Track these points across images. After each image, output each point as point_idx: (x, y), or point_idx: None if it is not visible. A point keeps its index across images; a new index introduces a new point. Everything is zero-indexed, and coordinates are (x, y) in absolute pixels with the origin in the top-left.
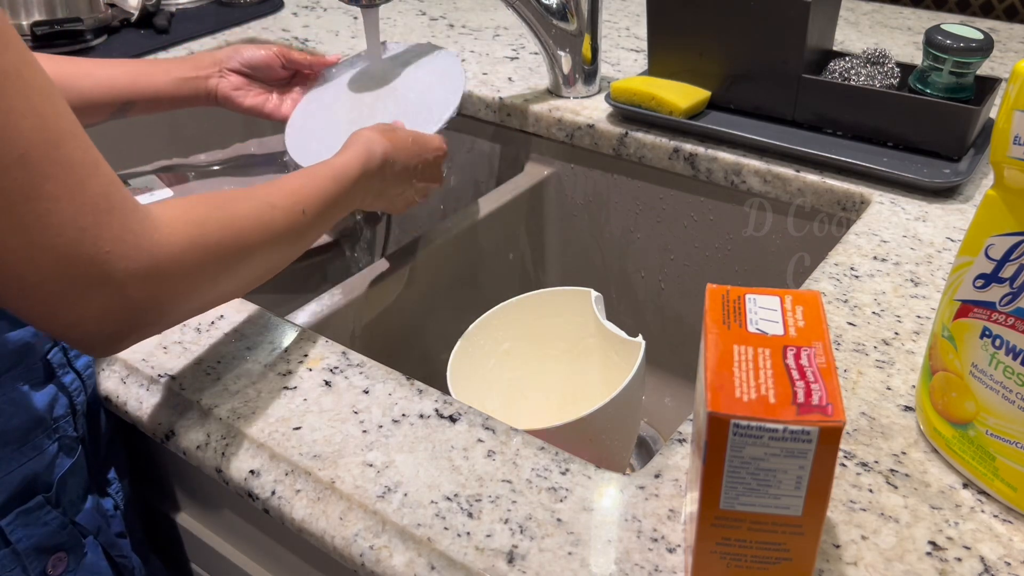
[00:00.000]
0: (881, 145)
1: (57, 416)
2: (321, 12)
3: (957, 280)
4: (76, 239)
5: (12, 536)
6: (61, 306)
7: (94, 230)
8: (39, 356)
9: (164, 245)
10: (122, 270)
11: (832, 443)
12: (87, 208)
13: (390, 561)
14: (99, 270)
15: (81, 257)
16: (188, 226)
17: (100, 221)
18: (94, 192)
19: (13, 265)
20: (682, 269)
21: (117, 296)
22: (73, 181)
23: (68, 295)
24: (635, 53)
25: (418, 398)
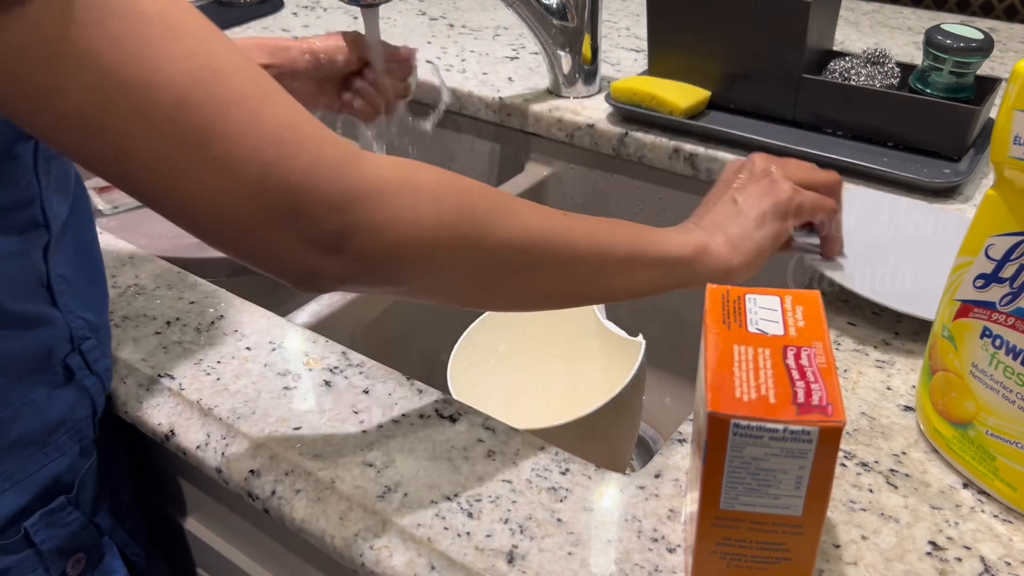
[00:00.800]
0: (881, 145)
1: (78, 418)
2: (321, 12)
3: (957, 280)
4: (262, 173)
5: (36, 537)
6: (262, 241)
7: (280, 163)
8: (59, 359)
9: (367, 178)
10: (317, 201)
11: (832, 443)
12: (267, 141)
13: (390, 561)
14: (290, 203)
15: (270, 192)
16: (398, 168)
17: (285, 153)
18: (272, 123)
19: (208, 212)
20: None
21: (314, 229)
22: (244, 116)
23: (266, 230)
24: (635, 53)
25: (418, 398)
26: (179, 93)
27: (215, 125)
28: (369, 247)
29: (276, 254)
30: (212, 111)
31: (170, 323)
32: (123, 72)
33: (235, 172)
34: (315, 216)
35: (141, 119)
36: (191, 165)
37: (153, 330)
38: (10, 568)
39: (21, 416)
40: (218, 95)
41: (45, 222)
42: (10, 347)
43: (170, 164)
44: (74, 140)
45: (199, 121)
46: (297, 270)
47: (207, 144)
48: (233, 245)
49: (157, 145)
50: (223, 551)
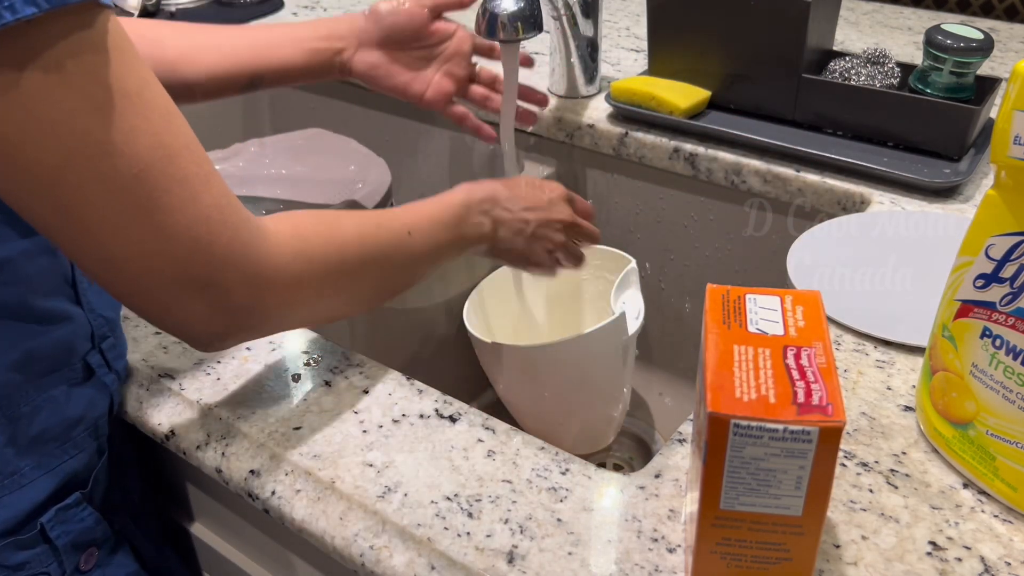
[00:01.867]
0: (881, 145)
1: (96, 415)
2: (321, 12)
3: (957, 280)
4: (191, 249)
5: (52, 533)
6: (172, 307)
7: (207, 239)
8: (79, 357)
9: (270, 256)
10: (229, 277)
11: (832, 443)
12: (200, 219)
13: (390, 561)
14: (209, 277)
15: (194, 265)
16: (294, 239)
17: (213, 231)
18: (207, 204)
19: (133, 271)
20: (682, 269)
21: (223, 300)
22: (188, 194)
23: (180, 298)
24: (635, 53)
25: (418, 398)
26: (140, 166)
27: (161, 199)
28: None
29: (185, 318)
30: (164, 186)
31: None
32: (97, 138)
33: (170, 243)
34: (226, 288)
35: (100, 183)
36: (132, 231)
37: (153, 330)
38: (26, 562)
39: (41, 413)
40: (170, 173)
41: None
42: (33, 344)
43: (113, 227)
44: (28, 193)
45: (150, 194)
46: (200, 332)
47: (151, 215)
48: (148, 306)
49: (106, 209)
50: (231, 556)
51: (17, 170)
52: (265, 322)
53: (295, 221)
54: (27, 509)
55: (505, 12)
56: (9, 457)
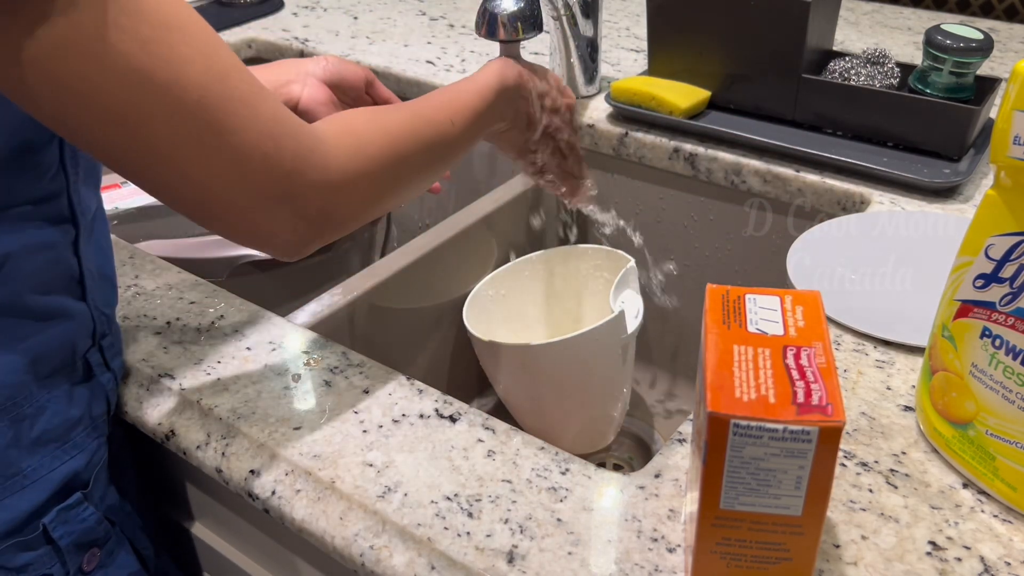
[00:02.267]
0: (881, 145)
1: (96, 415)
2: (321, 12)
3: (957, 280)
4: (262, 164)
5: (54, 533)
6: (259, 221)
7: (276, 153)
8: (80, 355)
9: (332, 158)
10: (303, 184)
11: (832, 443)
12: (265, 133)
13: (390, 561)
14: (285, 187)
15: (270, 179)
16: (349, 138)
17: (279, 144)
18: (267, 117)
19: (217, 191)
20: (682, 269)
21: (302, 207)
22: (248, 112)
23: (263, 211)
24: (635, 53)
25: (418, 398)
26: (198, 92)
27: (226, 120)
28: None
29: (272, 231)
30: (224, 108)
31: (170, 323)
32: (154, 74)
33: (242, 162)
34: (303, 196)
35: (166, 116)
36: (204, 156)
37: (153, 330)
38: (29, 564)
39: (45, 413)
40: (227, 93)
41: (72, 216)
42: (37, 342)
43: (186, 155)
44: (102, 137)
45: (213, 117)
46: (290, 242)
47: (219, 137)
48: (236, 226)
49: (177, 139)
50: (230, 556)
51: (93, 117)
52: (341, 222)
53: (347, 120)
54: (29, 510)
55: (505, 12)
56: (12, 458)
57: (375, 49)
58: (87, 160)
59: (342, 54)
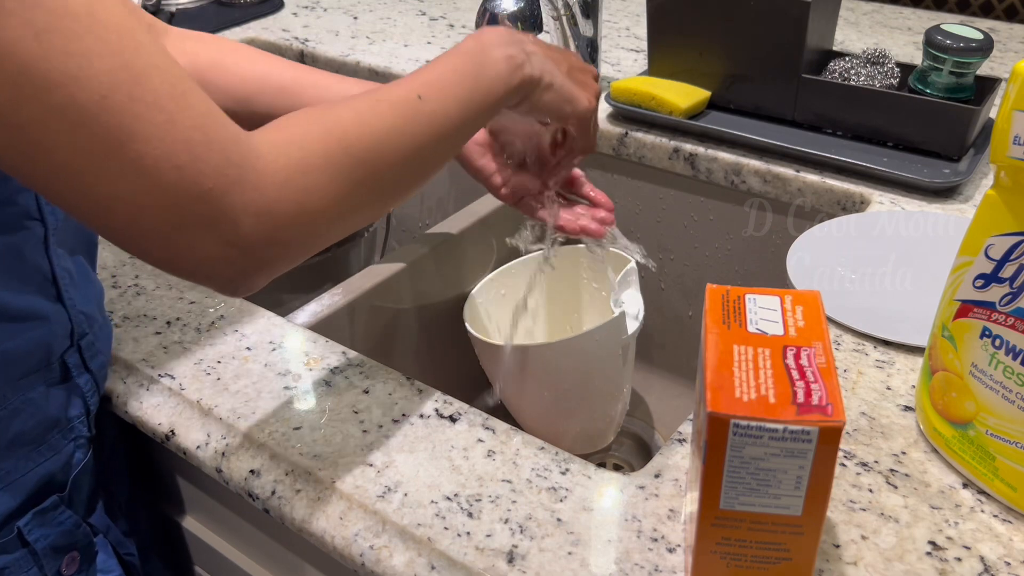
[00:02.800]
0: (881, 145)
1: (72, 417)
2: (321, 12)
3: (957, 280)
4: (176, 178)
5: (29, 536)
6: (180, 248)
7: (193, 166)
8: (56, 357)
9: (268, 173)
10: (231, 205)
11: (832, 443)
12: (180, 145)
13: (390, 561)
14: (207, 208)
15: (187, 197)
16: (289, 147)
17: (197, 156)
18: (186, 127)
19: (124, 211)
20: (682, 269)
21: (233, 233)
22: (160, 119)
23: (183, 237)
24: (635, 53)
25: (418, 398)
26: (101, 92)
27: (133, 127)
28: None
29: (197, 259)
30: (132, 112)
31: (170, 323)
32: (46, 66)
33: (151, 176)
34: (231, 219)
35: (59, 117)
36: (107, 167)
37: (153, 330)
38: (6, 567)
39: (19, 415)
40: (138, 96)
41: (40, 215)
42: (9, 344)
43: (85, 165)
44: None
45: (118, 122)
46: (221, 274)
47: (124, 146)
48: (150, 250)
49: (73, 145)
50: (222, 550)
51: None
52: (290, 247)
53: (284, 126)
54: (3, 514)
55: (505, 12)
56: None
57: (375, 49)
58: None
59: (342, 54)
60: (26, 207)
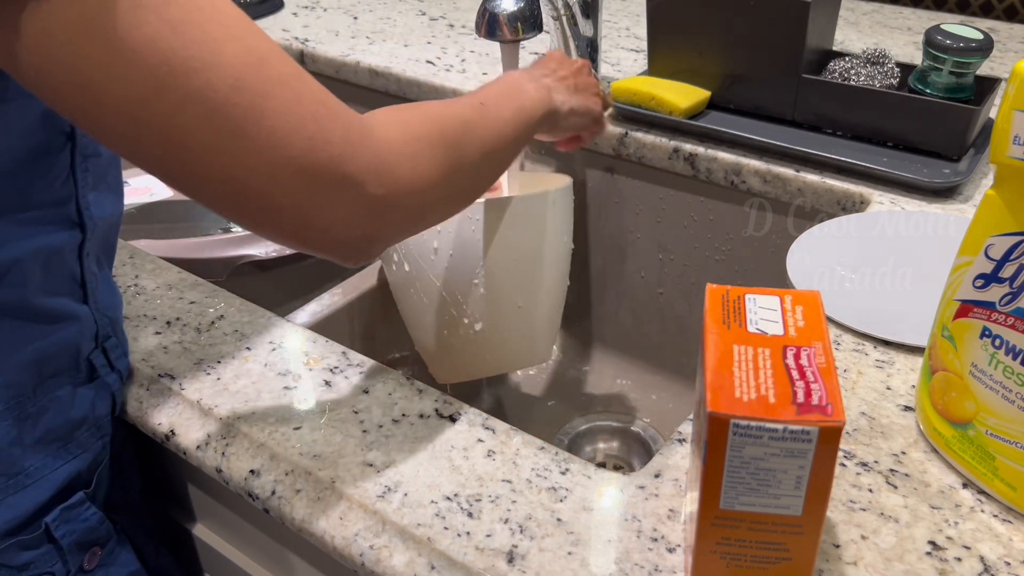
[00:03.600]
0: (881, 145)
1: (99, 415)
2: (321, 12)
3: (957, 280)
4: (308, 148)
5: (56, 532)
6: (310, 215)
7: (321, 136)
8: (84, 357)
9: (384, 140)
10: (357, 169)
11: (832, 443)
12: (308, 117)
13: (390, 561)
14: (336, 172)
15: (317, 164)
16: (396, 123)
17: (324, 127)
18: (310, 100)
19: (258, 188)
20: (682, 269)
21: (358, 194)
22: (289, 94)
23: (314, 203)
24: (635, 53)
25: (418, 398)
26: (234, 74)
27: (267, 104)
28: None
29: (326, 224)
30: (263, 90)
31: (170, 323)
32: (185, 55)
33: (284, 148)
34: (358, 181)
35: (198, 101)
36: (243, 143)
37: (153, 330)
38: (31, 562)
39: (47, 413)
40: (266, 75)
41: (80, 221)
42: (42, 344)
43: (224, 144)
44: (127, 132)
45: (253, 100)
46: (349, 237)
47: (259, 122)
48: (286, 223)
49: (211, 126)
50: (226, 552)
51: (109, 111)
52: (405, 213)
53: (387, 110)
54: (32, 509)
55: (505, 12)
56: (15, 457)
57: (375, 49)
58: (96, 167)
59: (342, 54)
60: (69, 214)
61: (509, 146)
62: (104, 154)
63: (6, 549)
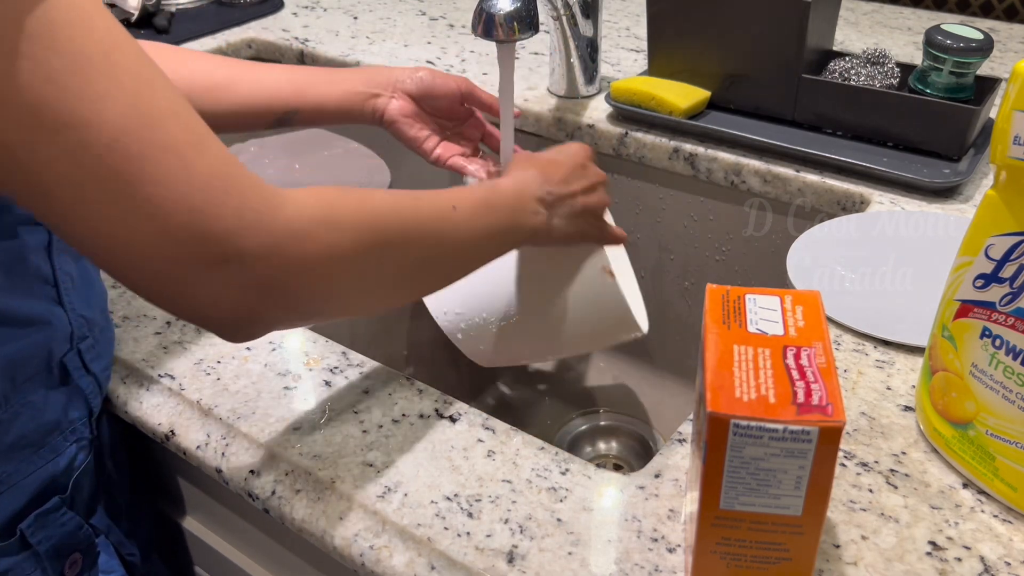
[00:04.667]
0: (881, 145)
1: (73, 419)
2: (321, 12)
3: (957, 280)
4: (189, 220)
5: (32, 539)
6: (189, 288)
7: (209, 209)
8: (56, 360)
9: (290, 221)
10: (244, 247)
11: (832, 443)
12: (196, 188)
13: (390, 561)
14: (220, 248)
15: (199, 237)
16: (318, 205)
17: (214, 200)
18: (203, 171)
19: (134, 252)
20: (682, 269)
21: (243, 274)
22: (175, 163)
23: (193, 277)
24: (635, 53)
25: (418, 398)
26: (112, 134)
27: (146, 170)
28: (299, 289)
29: (201, 302)
30: (145, 155)
31: (170, 323)
32: (59, 108)
33: (162, 218)
34: (242, 261)
35: (70, 159)
36: (117, 209)
37: (153, 330)
38: (9, 570)
39: (19, 418)
40: (152, 140)
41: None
42: (12, 348)
43: (95, 206)
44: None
45: (130, 165)
46: (224, 316)
47: (136, 188)
48: (157, 292)
49: (83, 187)
50: (222, 550)
51: None
52: (297, 300)
53: (318, 190)
54: (6, 516)
55: (501, 12)
56: None
57: (375, 49)
58: None
59: (342, 54)
60: (28, 213)
61: (468, 259)
62: None
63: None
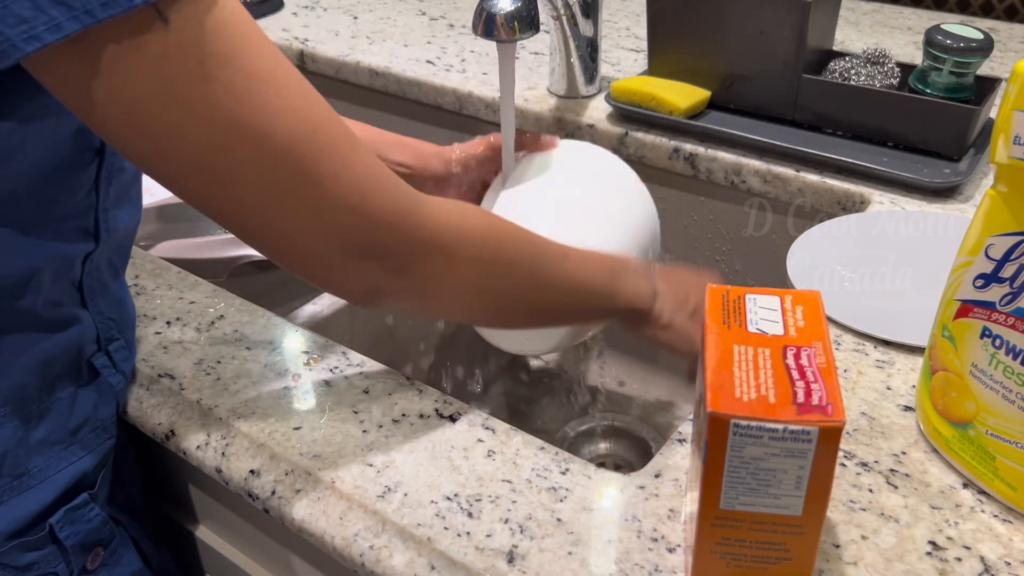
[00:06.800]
0: (881, 145)
1: (103, 417)
2: (321, 12)
3: (957, 280)
4: (347, 215)
5: (60, 534)
6: (336, 273)
7: (362, 207)
8: (86, 359)
9: (427, 220)
10: (387, 241)
11: (832, 443)
12: (353, 187)
13: (390, 561)
14: (368, 243)
15: (352, 230)
16: (452, 213)
17: (367, 199)
18: (358, 172)
19: (299, 242)
20: None
21: (382, 263)
22: (338, 163)
23: (341, 264)
24: (635, 53)
25: (418, 398)
26: (287, 142)
27: (313, 171)
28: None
29: (349, 281)
30: (313, 157)
31: (170, 323)
32: (244, 123)
33: (326, 213)
34: (384, 251)
35: (253, 163)
36: (288, 205)
37: (153, 330)
38: (34, 563)
39: (50, 414)
40: (317, 144)
41: (95, 233)
42: (47, 347)
43: (270, 203)
44: (190, 183)
45: (301, 167)
46: (364, 292)
47: (305, 187)
48: (314, 274)
49: (262, 187)
50: (232, 558)
51: (182, 165)
52: (419, 286)
53: (456, 202)
54: (36, 510)
55: (502, 12)
56: (20, 459)
57: (375, 49)
58: (120, 181)
59: (342, 54)
60: (85, 225)
61: (563, 303)
62: (128, 169)
63: (10, 550)
